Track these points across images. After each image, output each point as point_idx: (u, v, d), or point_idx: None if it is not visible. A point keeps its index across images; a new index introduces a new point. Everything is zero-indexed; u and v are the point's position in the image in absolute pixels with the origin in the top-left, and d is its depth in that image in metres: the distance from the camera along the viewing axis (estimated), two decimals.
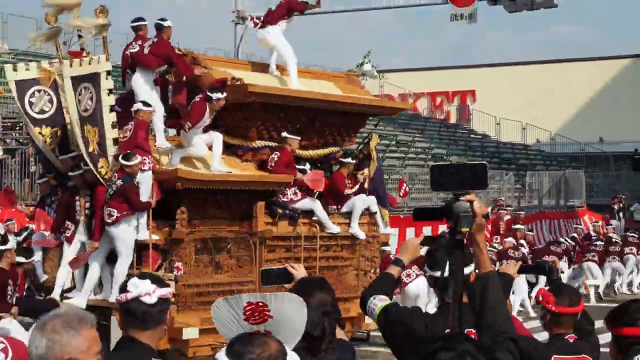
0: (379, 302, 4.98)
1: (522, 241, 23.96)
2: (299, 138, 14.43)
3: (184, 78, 13.79)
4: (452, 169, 4.03)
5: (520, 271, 6.00)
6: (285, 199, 14.19)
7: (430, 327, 4.74)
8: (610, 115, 57.08)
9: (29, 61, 16.00)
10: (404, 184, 24.11)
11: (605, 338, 5.28)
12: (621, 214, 35.38)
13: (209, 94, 13.11)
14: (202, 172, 13.20)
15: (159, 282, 4.45)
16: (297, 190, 14.30)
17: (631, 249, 25.61)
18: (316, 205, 14.47)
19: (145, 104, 13.22)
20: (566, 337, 5.70)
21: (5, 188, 19.94)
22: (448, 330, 4.19)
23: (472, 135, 53.16)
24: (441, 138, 48.45)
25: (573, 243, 25.54)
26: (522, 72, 60.73)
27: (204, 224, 13.26)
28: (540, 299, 5.80)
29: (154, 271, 12.29)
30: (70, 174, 13.19)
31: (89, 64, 12.89)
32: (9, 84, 13.64)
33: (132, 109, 13.08)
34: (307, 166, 14.57)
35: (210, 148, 13.40)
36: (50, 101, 13.51)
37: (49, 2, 13.70)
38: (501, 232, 25.54)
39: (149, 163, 12.86)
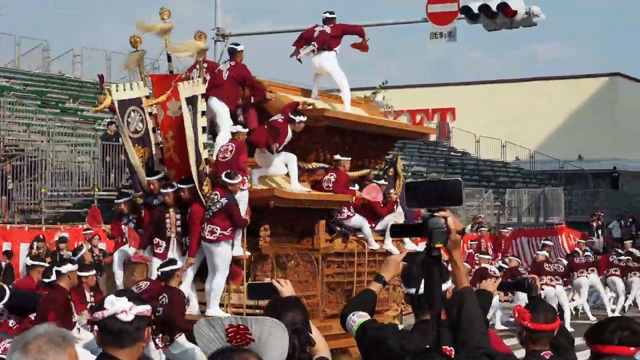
0: (357, 318, 4.97)
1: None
2: (350, 159, 15.14)
3: (252, 100, 14.29)
4: (427, 186, 4.03)
5: (500, 287, 6.04)
6: (342, 217, 14.78)
7: (404, 344, 4.73)
8: (589, 133, 57.35)
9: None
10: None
11: (584, 355, 5.29)
12: (600, 232, 35.49)
13: (291, 116, 13.49)
14: (293, 192, 13.74)
15: (136, 300, 4.44)
16: (352, 209, 14.97)
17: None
18: (364, 223, 15.10)
19: (244, 125, 13.71)
20: (542, 354, 5.70)
21: (92, 207, 20.06)
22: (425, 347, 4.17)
23: (452, 153, 53.32)
24: (421, 155, 48.55)
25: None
26: (501, 90, 60.97)
27: (275, 241, 13.73)
28: (516, 315, 5.80)
29: (239, 286, 12.93)
30: (162, 190, 13.44)
31: (190, 86, 13.38)
32: (114, 101, 13.81)
33: (231, 131, 13.51)
34: (356, 187, 15.16)
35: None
36: (142, 121, 13.86)
37: (144, 27, 14.27)
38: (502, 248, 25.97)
39: (247, 182, 13.34)
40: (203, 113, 13.21)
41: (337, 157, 14.90)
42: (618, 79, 61.01)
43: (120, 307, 4.34)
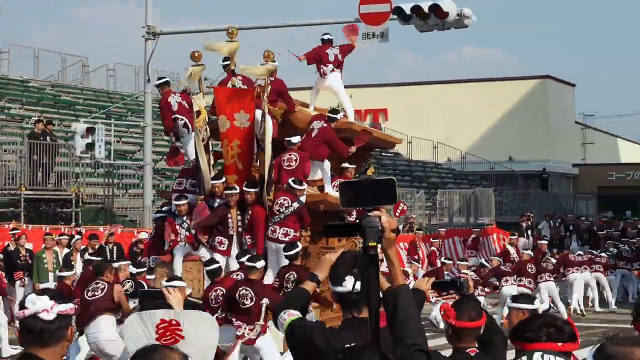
0: (287, 317, 4.94)
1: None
2: (355, 166, 17.05)
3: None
4: (361, 185, 4.03)
5: (433, 286, 6.13)
6: (351, 219, 15.50)
7: (331, 342, 4.66)
8: (520, 135, 57.95)
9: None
10: (401, 204, 26.54)
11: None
12: (529, 232, 35.75)
13: (331, 115, 16.12)
14: (335, 196, 14.60)
15: (59, 298, 4.33)
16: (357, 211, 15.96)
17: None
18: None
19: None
20: (467, 351, 5.76)
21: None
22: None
23: (383, 154, 53.45)
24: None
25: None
26: (434, 91, 61.34)
27: (304, 239, 15.07)
28: (442, 313, 5.87)
29: None
30: (226, 192, 14.87)
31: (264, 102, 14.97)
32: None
33: (293, 141, 15.36)
34: None
35: None
36: (206, 130, 15.35)
37: (212, 47, 15.75)
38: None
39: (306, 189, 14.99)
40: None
41: (345, 164, 16.80)
42: (548, 82, 61.68)
43: (41, 306, 4.25)
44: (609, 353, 3.20)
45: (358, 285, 4.56)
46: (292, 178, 14.69)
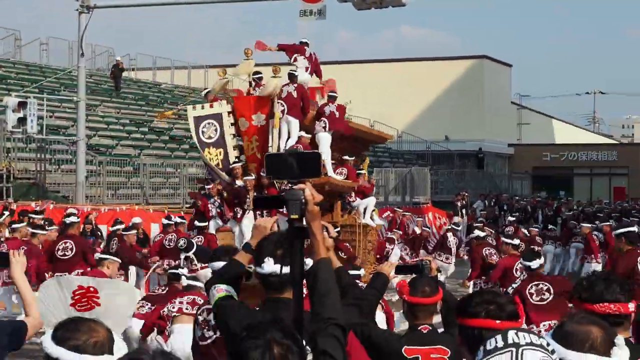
0: (216, 292, 4.88)
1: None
2: (354, 158, 21.63)
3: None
4: (286, 158, 4.04)
5: (397, 270, 6.17)
6: (351, 199, 21.11)
7: (246, 322, 4.55)
8: (456, 115, 58.26)
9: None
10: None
11: None
12: (464, 211, 35.91)
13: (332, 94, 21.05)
14: (337, 179, 19.81)
15: None
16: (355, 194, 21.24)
17: None
18: (362, 205, 21.33)
19: (307, 131, 19.42)
20: (419, 328, 5.76)
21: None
22: None
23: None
24: None
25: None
26: (371, 70, 61.36)
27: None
28: (397, 289, 5.91)
29: None
30: (245, 178, 18.74)
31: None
32: (189, 117, 19.88)
33: (300, 135, 19.05)
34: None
35: None
36: (215, 130, 19.47)
37: (235, 72, 21.61)
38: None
39: None
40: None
41: (346, 157, 21.10)
42: (484, 62, 62.04)
43: None
44: (568, 331, 3.23)
45: (277, 268, 4.53)
46: None
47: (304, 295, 3.97)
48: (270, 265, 4.57)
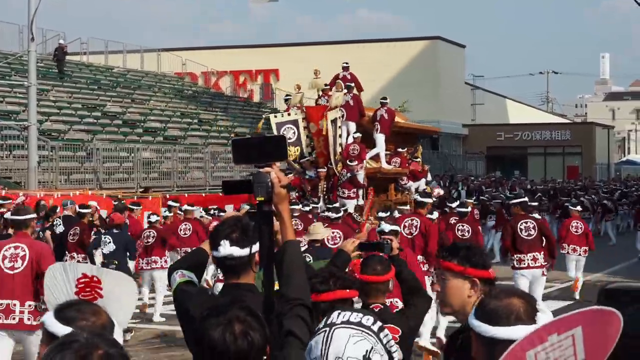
0: (178, 278, 4.83)
1: None
2: (406, 149, 27.15)
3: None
4: (252, 142, 4.09)
5: (359, 248, 6.22)
6: (402, 182, 26.22)
7: (206, 307, 4.47)
8: (411, 96, 58.29)
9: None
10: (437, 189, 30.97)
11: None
12: None
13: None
14: (387, 168, 25.59)
15: None
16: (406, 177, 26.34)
17: None
18: (413, 186, 26.17)
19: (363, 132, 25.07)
20: (371, 307, 5.77)
21: None
22: None
23: (275, 115, 53.22)
24: (244, 117, 48.40)
25: None
26: (325, 51, 61.24)
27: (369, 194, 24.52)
28: (350, 268, 6.12)
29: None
30: (318, 170, 24.35)
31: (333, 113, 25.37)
32: (272, 124, 25.29)
33: (354, 135, 24.59)
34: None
35: None
36: (293, 133, 24.75)
37: (315, 86, 27.21)
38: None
39: (364, 164, 24.20)
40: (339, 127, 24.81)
41: (399, 149, 26.47)
42: (438, 43, 62.18)
43: None
44: (490, 308, 3.18)
45: (233, 250, 4.47)
46: (349, 159, 23.58)
47: (274, 278, 3.96)
48: (226, 248, 4.48)
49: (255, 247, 4.42)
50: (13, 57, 39.29)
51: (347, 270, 6.14)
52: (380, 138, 25.19)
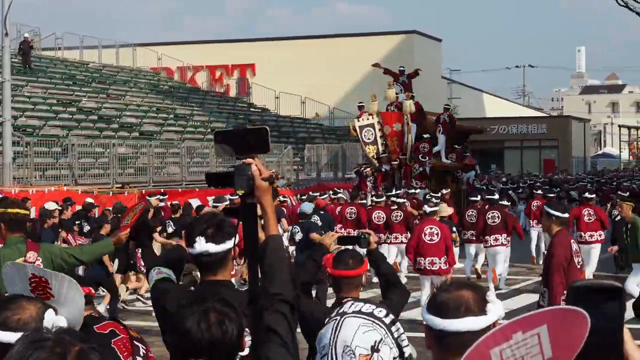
0: (156, 275, 4.82)
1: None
2: (461, 146, 30.95)
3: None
4: (234, 135, 4.06)
5: (339, 242, 6.22)
6: (458, 174, 30.07)
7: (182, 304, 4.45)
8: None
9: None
10: None
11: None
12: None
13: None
14: (445, 162, 29.71)
15: None
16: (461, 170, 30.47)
17: None
18: (465, 177, 30.34)
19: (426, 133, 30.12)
20: (344, 301, 5.59)
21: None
22: None
23: (251, 109, 53.23)
24: (220, 112, 48.31)
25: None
26: (302, 46, 61.23)
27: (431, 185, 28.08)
28: (322, 262, 5.98)
29: None
30: (392, 163, 28.65)
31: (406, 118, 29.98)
32: (356, 127, 29.32)
33: (424, 136, 29.12)
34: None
35: None
36: (372, 134, 29.09)
37: (387, 97, 30.47)
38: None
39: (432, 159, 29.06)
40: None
41: (455, 146, 30.33)
42: (414, 37, 62.25)
43: None
44: (440, 301, 3.21)
45: (209, 247, 4.46)
46: (421, 155, 28.40)
47: (258, 272, 3.93)
48: (201, 245, 4.47)
49: (231, 243, 4.41)
50: None
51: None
52: (442, 138, 29.78)
